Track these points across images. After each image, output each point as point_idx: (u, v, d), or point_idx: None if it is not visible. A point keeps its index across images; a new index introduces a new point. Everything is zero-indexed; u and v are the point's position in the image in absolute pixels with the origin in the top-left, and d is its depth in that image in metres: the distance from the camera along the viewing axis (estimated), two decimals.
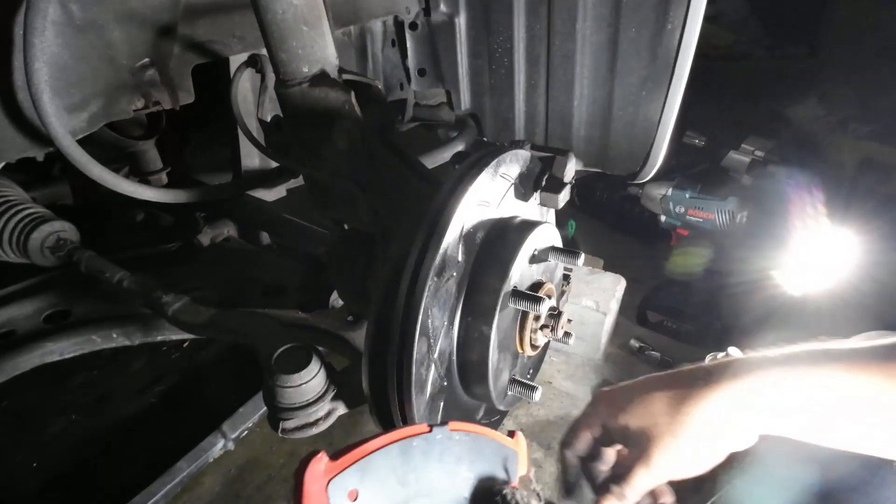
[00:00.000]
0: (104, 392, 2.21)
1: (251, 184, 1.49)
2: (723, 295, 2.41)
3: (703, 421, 0.67)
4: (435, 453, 0.60)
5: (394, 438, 0.57)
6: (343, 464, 0.52)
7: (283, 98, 0.92)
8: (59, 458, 1.99)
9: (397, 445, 0.57)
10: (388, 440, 0.57)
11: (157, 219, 1.69)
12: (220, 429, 2.05)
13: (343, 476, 0.51)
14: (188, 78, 1.19)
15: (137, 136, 1.59)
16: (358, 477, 0.53)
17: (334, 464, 0.52)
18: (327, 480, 0.51)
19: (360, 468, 0.53)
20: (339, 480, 0.51)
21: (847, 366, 0.65)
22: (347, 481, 0.52)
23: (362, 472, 0.53)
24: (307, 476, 0.50)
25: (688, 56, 1.47)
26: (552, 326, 0.85)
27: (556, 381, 2.40)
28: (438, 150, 1.67)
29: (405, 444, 0.58)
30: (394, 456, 0.56)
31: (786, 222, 2.24)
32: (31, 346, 1.33)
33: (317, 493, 0.49)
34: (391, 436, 0.57)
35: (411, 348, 0.69)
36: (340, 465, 0.52)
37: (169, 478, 1.86)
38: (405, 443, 0.58)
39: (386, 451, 0.56)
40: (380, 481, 0.54)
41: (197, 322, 1.11)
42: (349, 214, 1.05)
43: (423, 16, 1.72)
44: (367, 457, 0.54)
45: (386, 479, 0.55)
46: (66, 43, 0.97)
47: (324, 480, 0.50)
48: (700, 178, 2.58)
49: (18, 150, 1.03)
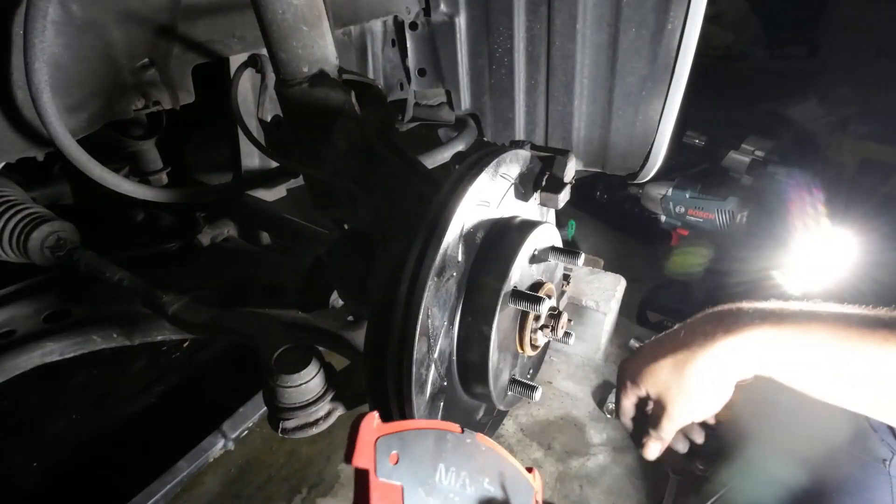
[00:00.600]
0: (104, 392, 2.21)
1: (251, 184, 1.49)
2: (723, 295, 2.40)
3: (705, 376, 0.80)
4: (464, 454, 0.65)
5: (432, 426, 0.63)
6: (390, 428, 0.59)
7: (284, 98, 0.92)
8: (59, 458, 1.99)
9: (433, 433, 0.63)
10: (427, 425, 0.63)
11: (157, 219, 1.69)
12: (221, 429, 2.05)
13: (388, 438, 0.58)
14: (188, 78, 1.19)
15: (137, 136, 1.59)
16: (399, 445, 0.58)
17: (383, 426, 0.58)
18: (376, 437, 0.57)
19: (401, 439, 0.59)
20: (385, 441, 0.57)
21: (832, 328, 0.72)
22: (391, 444, 0.58)
23: (402, 443, 0.59)
24: (363, 427, 0.56)
25: (688, 56, 1.47)
26: (552, 326, 0.85)
27: (557, 381, 2.40)
28: (438, 150, 1.67)
29: (440, 434, 0.64)
30: (429, 441, 0.62)
31: (786, 222, 2.25)
32: (31, 346, 1.33)
33: (368, 444, 0.56)
34: (429, 422, 0.64)
35: (411, 348, 0.69)
36: (388, 428, 0.58)
37: (169, 477, 1.86)
38: (440, 433, 0.64)
39: (424, 434, 0.62)
40: (415, 457, 0.60)
41: (197, 322, 1.10)
42: (349, 214, 1.05)
43: (424, 16, 1.72)
44: (408, 431, 0.60)
45: (421, 457, 0.61)
46: (67, 43, 0.97)
47: (374, 436, 0.57)
48: (700, 178, 2.59)
49: (18, 150, 1.03)
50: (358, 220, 1.05)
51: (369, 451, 0.56)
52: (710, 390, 0.81)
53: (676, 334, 0.85)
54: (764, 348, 0.75)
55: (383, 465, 0.56)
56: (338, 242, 1.08)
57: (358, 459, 0.55)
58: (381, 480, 0.56)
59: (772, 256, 2.26)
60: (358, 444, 0.55)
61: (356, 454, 0.55)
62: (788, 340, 0.74)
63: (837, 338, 0.71)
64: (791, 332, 0.74)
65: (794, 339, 0.74)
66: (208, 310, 1.12)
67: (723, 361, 0.78)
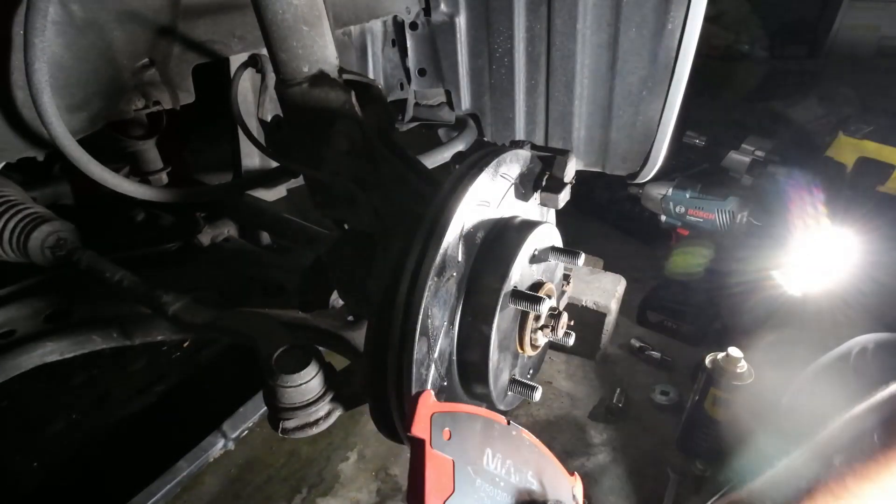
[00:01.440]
0: (104, 392, 2.21)
1: (251, 184, 1.49)
2: (723, 295, 2.41)
3: None
4: (509, 444, 0.69)
5: (481, 412, 0.67)
6: (445, 407, 0.63)
7: (284, 98, 0.92)
8: (59, 458, 1.99)
9: (482, 419, 0.66)
10: (477, 411, 0.66)
11: (158, 219, 1.69)
12: (221, 428, 2.05)
13: (443, 416, 0.61)
14: (188, 78, 1.19)
15: (138, 135, 1.58)
16: (451, 424, 0.62)
17: (439, 403, 0.62)
18: (433, 412, 0.61)
19: (454, 419, 0.63)
20: (440, 417, 0.61)
21: None
22: (444, 421, 0.61)
23: (454, 423, 0.62)
24: (421, 401, 0.60)
25: (688, 56, 1.47)
26: (552, 326, 0.85)
27: (557, 381, 2.40)
28: (438, 150, 1.67)
29: (488, 421, 0.67)
30: (478, 426, 0.66)
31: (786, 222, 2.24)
32: (32, 346, 1.33)
33: (425, 417, 0.60)
34: (481, 410, 0.67)
35: (411, 348, 0.69)
36: (443, 406, 0.62)
37: (169, 477, 1.86)
38: (488, 421, 0.67)
39: (473, 418, 0.65)
40: (465, 437, 0.63)
41: (197, 322, 1.10)
42: (349, 214, 1.05)
43: (424, 16, 1.72)
44: (460, 413, 0.64)
45: (470, 439, 0.64)
46: (67, 43, 0.97)
47: (431, 411, 0.61)
48: (700, 178, 2.58)
49: (19, 150, 1.03)
50: (358, 220, 1.05)
51: (426, 423, 0.60)
52: None
53: None
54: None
55: (437, 439, 0.60)
56: (338, 242, 1.08)
57: (416, 429, 0.59)
58: (435, 452, 0.59)
59: (772, 256, 2.25)
60: (417, 416, 0.59)
61: (415, 424, 0.59)
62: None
63: None
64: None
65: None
66: (208, 310, 1.12)
67: None
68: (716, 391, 1.85)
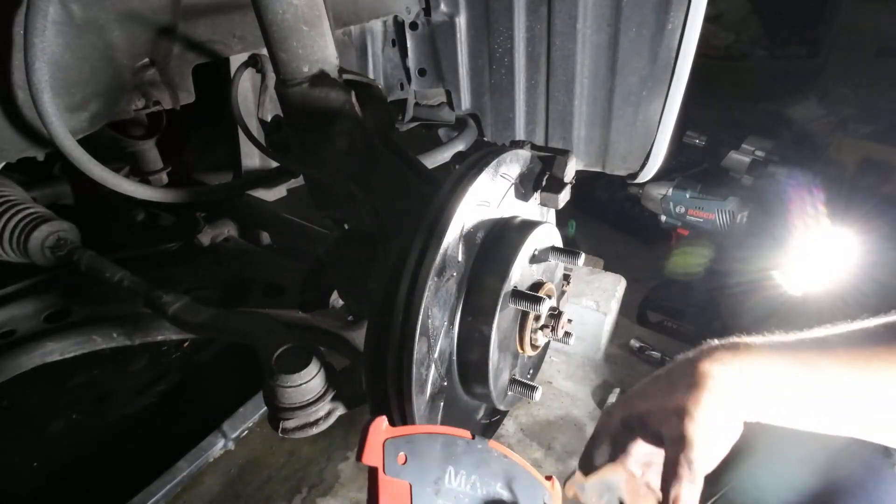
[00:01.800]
0: (104, 392, 2.21)
1: (251, 184, 1.49)
2: (723, 295, 2.41)
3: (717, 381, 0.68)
4: (474, 459, 0.69)
5: (440, 431, 0.68)
6: (398, 431, 0.64)
7: (284, 98, 0.92)
8: (59, 458, 1.99)
9: (442, 438, 0.67)
10: (436, 430, 0.67)
11: (158, 219, 1.69)
12: (221, 428, 2.05)
13: (396, 441, 0.63)
14: (188, 78, 1.19)
15: (138, 135, 1.58)
16: (408, 448, 0.63)
17: (391, 429, 0.63)
18: (384, 439, 0.62)
19: (410, 441, 0.64)
20: (393, 443, 0.62)
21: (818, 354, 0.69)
22: (399, 447, 0.63)
23: (411, 446, 0.64)
24: (371, 430, 0.62)
25: (688, 56, 1.47)
26: (552, 326, 0.85)
27: (557, 381, 2.40)
28: (438, 150, 1.67)
29: (449, 439, 0.68)
30: (438, 445, 0.66)
31: (786, 222, 2.25)
32: (32, 345, 1.33)
33: (376, 444, 0.61)
34: (438, 428, 0.68)
35: (411, 348, 0.69)
36: (396, 431, 0.63)
37: (169, 477, 1.86)
38: (450, 439, 0.68)
39: (433, 438, 0.66)
40: (423, 459, 0.64)
41: (197, 322, 1.10)
42: (349, 214, 1.05)
43: (424, 16, 1.72)
44: (417, 435, 0.65)
45: (429, 459, 0.65)
46: (67, 43, 0.97)
47: (382, 438, 0.62)
48: (700, 178, 2.59)
49: (19, 150, 1.03)
50: (358, 220, 1.05)
51: (378, 451, 0.61)
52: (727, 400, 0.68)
53: (671, 364, 0.76)
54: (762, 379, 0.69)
55: (391, 465, 0.62)
56: (338, 242, 1.08)
57: (367, 458, 0.61)
58: (389, 477, 0.61)
59: (772, 256, 2.26)
60: (367, 444, 0.61)
61: (365, 453, 0.61)
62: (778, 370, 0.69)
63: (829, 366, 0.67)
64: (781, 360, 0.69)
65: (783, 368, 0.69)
66: (208, 310, 1.12)
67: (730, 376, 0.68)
68: None
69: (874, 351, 0.66)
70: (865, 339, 0.68)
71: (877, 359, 0.65)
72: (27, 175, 1.58)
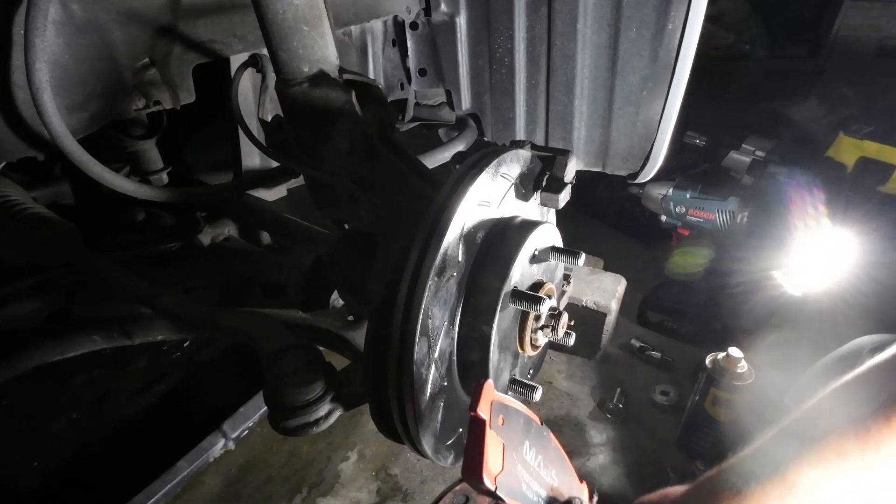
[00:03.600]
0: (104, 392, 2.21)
1: (252, 184, 1.49)
2: (723, 295, 2.41)
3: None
4: (542, 442, 0.75)
5: (524, 410, 0.73)
6: (502, 398, 0.69)
7: (284, 98, 0.92)
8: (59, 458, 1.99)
9: (524, 416, 0.73)
10: (522, 409, 0.73)
11: (158, 218, 1.69)
12: (221, 428, 2.05)
13: (498, 405, 0.68)
14: (189, 77, 1.19)
15: (138, 135, 1.58)
16: (504, 413, 0.69)
17: (498, 394, 0.69)
18: (492, 399, 0.67)
19: (505, 410, 0.69)
20: (497, 406, 0.68)
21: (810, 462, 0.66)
22: (499, 410, 0.68)
23: (506, 413, 0.69)
24: (485, 387, 0.67)
25: (689, 56, 1.47)
26: (552, 326, 0.85)
27: (557, 381, 2.40)
28: (439, 150, 1.67)
29: (528, 419, 0.74)
30: (521, 421, 0.72)
31: (786, 222, 2.25)
32: (32, 345, 1.33)
33: (487, 400, 0.67)
34: (524, 408, 0.73)
35: (411, 348, 0.69)
36: (500, 397, 0.69)
37: (169, 477, 1.86)
38: (528, 419, 0.74)
39: (518, 413, 0.72)
40: (512, 427, 0.70)
41: (197, 322, 1.10)
42: (350, 214, 1.05)
43: (424, 16, 1.72)
44: (511, 406, 0.70)
45: (515, 429, 0.71)
46: (67, 42, 0.97)
47: (491, 397, 0.67)
48: (701, 178, 2.59)
49: (19, 150, 1.03)
50: (358, 220, 1.05)
51: (487, 407, 0.66)
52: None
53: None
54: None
55: (495, 423, 0.67)
56: (338, 242, 1.08)
57: (480, 410, 0.66)
58: (493, 432, 0.66)
59: (772, 256, 2.26)
60: (481, 399, 0.66)
61: (479, 406, 0.66)
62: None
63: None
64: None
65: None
66: (208, 310, 1.12)
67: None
68: (716, 391, 1.85)
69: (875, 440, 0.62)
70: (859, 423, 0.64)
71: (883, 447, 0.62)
72: (27, 175, 1.58)
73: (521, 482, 0.70)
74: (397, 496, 1.97)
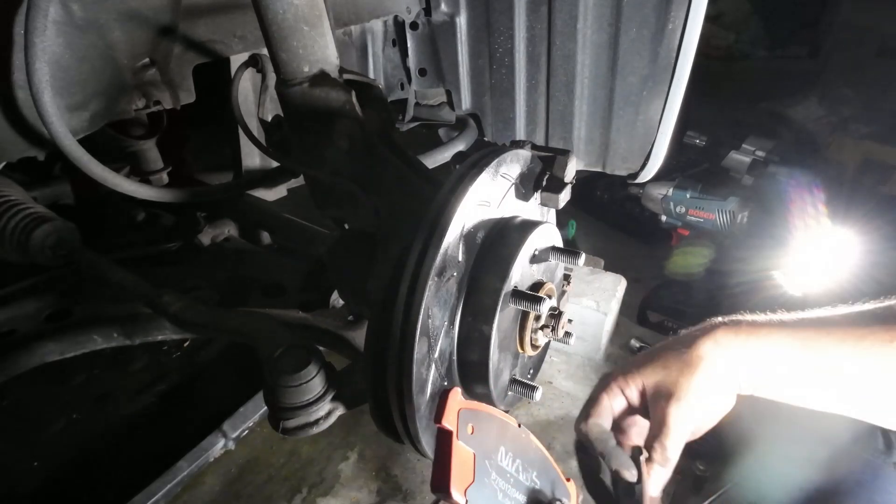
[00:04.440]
0: (104, 392, 2.21)
1: (252, 183, 1.49)
2: (723, 295, 2.41)
3: (710, 363, 0.73)
4: (520, 445, 0.74)
5: (498, 414, 0.73)
6: (471, 405, 0.69)
7: (284, 98, 0.92)
8: (59, 458, 1.99)
9: (499, 420, 0.72)
10: (495, 413, 0.72)
11: (158, 218, 1.69)
12: (221, 428, 2.05)
13: (467, 412, 0.67)
14: (189, 78, 1.19)
15: (138, 135, 1.59)
16: (474, 420, 0.68)
17: (465, 401, 0.68)
18: (460, 408, 0.67)
19: (475, 417, 0.68)
20: (465, 413, 0.67)
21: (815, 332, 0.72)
22: (469, 418, 0.67)
23: (476, 419, 0.68)
24: (450, 396, 0.67)
25: (689, 56, 1.47)
26: (553, 326, 0.85)
27: (557, 381, 2.40)
28: (439, 149, 1.67)
29: (503, 422, 0.73)
30: (495, 425, 0.72)
31: (786, 222, 2.25)
32: (32, 345, 1.33)
33: (453, 410, 0.66)
34: (495, 410, 0.73)
35: (411, 348, 0.69)
36: (469, 404, 0.69)
37: (169, 477, 1.86)
38: (503, 422, 0.73)
39: (492, 418, 0.71)
40: (484, 434, 0.69)
41: (197, 321, 1.10)
42: (350, 214, 1.05)
43: (424, 16, 1.72)
44: (482, 411, 0.70)
45: (487, 435, 0.70)
46: (68, 43, 0.97)
47: (458, 406, 0.67)
48: (701, 178, 2.59)
49: (19, 150, 1.03)
50: (358, 220, 1.05)
51: (454, 417, 0.66)
52: (717, 378, 0.74)
53: (662, 345, 0.80)
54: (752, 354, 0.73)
55: (463, 432, 0.66)
56: (338, 242, 1.08)
57: (446, 421, 0.65)
58: (461, 443, 0.65)
59: (772, 256, 2.25)
60: (447, 409, 0.66)
61: (444, 416, 0.65)
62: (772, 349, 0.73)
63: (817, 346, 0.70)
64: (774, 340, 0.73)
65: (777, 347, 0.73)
66: (208, 310, 1.12)
67: (727, 355, 0.73)
68: None
69: (869, 329, 0.69)
70: (861, 319, 0.71)
71: (871, 337, 0.68)
72: (27, 175, 1.58)
73: (496, 491, 0.68)
74: (397, 496, 1.97)
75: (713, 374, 0.73)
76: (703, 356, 0.74)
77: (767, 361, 0.73)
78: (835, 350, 0.69)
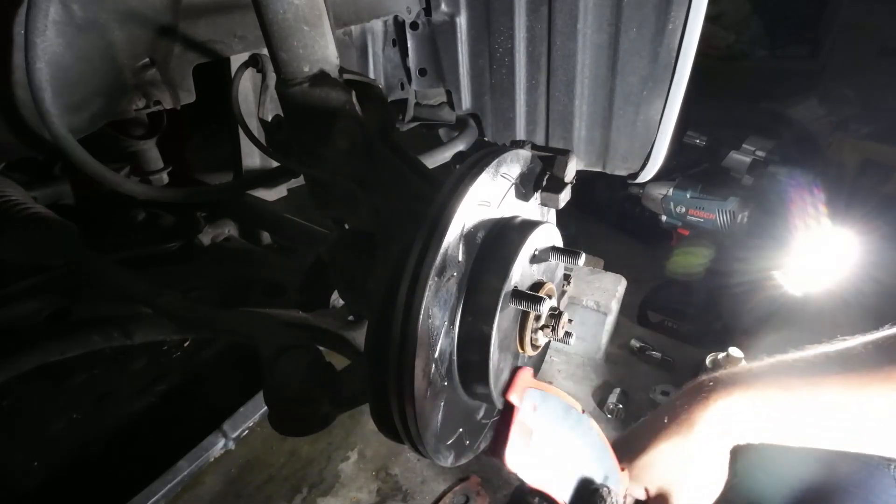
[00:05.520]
0: (104, 392, 2.21)
1: (252, 183, 1.49)
2: (723, 295, 2.42)
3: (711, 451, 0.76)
4: (582, 430, 0.78)
5: (564, 397, 0.76)
6: (539, 385, 0.72)
7: (284, 98, 0.92)
8: (59, 458, 1.99)
9: (564, 403, 0.76)
10: (561, 395, 0.76)
11: (158, 218, 1.69)
12: (221, 428, 2.05)
13: (534, 392, 0.71)
14: (189, 77, 1.19)
15: (138, 135, 1.58)
16: (539, 400, 0.72)
17: (535, 381, 0.72)
18: (528, 386, 0.70)
19: (541, 397, 0.72)
20: (531, 392, 0.71)
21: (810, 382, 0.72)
22: (534, 397, 0.71)
23: (542, 399, 0.72)
24: (520, 373, 0.71)
25: (689, 56, 1.47)
26: (553, 326, 0.85)
27: (557, 381, 2.40)
28: (439, 149, 1.67)
29: (568, 406, 0.76)
30: (559, 407, 0.75)
31: (787, 222, 2.25)
32: (32, 346, 1.33)
33: (521, 387, 0.70)
34: (563, 394, 0.76)
35: (412, 348, 0.69)
36: (537, 384, 0.72)
37: (170, 477, 1.86)
38: (568, 406, 0.76)
39: (557, 400, 0.75)
40: (547, 414, 0.73)
41: (197, 322, 1.10)
42: (350, 214, 1.05)
43: (424, 15, 1.72)
44: (549, 393, 0.73)
45: (551, 417, 0.73)
46: (68, 42, 0.97)
47: (526, 384, 0.70)
48: (701, 178, 2.59)
49: (19, 150, 1.03)
50: (358, 220, 1.05)
51: (520, 393, 0.70)
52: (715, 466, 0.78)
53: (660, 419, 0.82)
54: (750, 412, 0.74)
55: (526, 409, 0.70)
56: (338, 242, 1.08)
57: (511, 395, 0.69)
58: (522, 420, 0.69)
59: (773, 256, 2.26)
60: (514, 385, 0.70)
61: (511, 391, 0.69)
62: (771, 402, 0.74)
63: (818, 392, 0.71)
64: (771, 393, 0.74)
65: (775, 400, 0.74)
66: (208, 309, 1.12)
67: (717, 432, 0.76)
68: None
69: (869, 377, 0.69)
70: (858, 363, 0.71)
71: (872, 384, 0.68)
72: (27, 175, 1.58)
73: (547, 467, 0.72)
74: (397, 496, 1.97)
75: (715, 464, 0.77)
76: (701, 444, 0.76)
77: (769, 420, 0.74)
78: (840, 398, 0.70)
